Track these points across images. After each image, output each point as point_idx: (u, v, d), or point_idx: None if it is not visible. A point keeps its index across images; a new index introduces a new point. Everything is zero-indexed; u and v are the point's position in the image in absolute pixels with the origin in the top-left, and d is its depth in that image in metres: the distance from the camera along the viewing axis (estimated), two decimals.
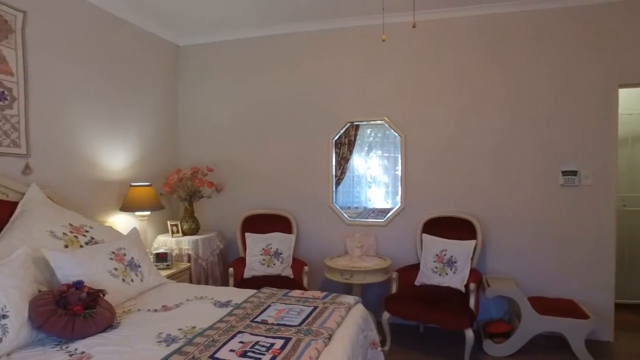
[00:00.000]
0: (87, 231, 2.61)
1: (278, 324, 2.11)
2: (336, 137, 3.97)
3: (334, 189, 4.01)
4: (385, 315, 3.16)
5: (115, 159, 3.54)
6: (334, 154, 3.98)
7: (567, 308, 3.18)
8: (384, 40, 2.36)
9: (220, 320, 2.14)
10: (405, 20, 3.54)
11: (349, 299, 2.48)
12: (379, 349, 2.49)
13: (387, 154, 4.01)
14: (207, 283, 3.75)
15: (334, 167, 3.99)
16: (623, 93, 3.48)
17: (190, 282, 3.59)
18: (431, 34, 3.68)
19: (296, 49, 4.03)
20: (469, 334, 2.89)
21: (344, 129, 3.97)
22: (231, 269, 3.53)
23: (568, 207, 3.45)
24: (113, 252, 2.50)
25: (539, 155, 3.51)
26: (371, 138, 4.12)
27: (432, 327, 3.55)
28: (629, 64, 3.30)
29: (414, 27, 2.21)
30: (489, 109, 3.60)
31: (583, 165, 3.41)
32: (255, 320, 2.16)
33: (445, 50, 3.68)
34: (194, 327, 2.06)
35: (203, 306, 2.40)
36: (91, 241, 2.57)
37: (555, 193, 3.48)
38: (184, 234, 3.85)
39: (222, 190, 4.19)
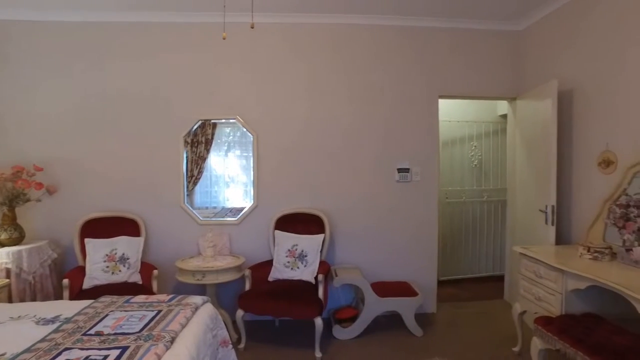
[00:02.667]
0: None
1: (115, 334, 1.96)
2: (187, 135, 3.83)
3: (187, 188, 3.86)
4: (239, 312, 3.17)
5: None
6: (184, 152, 3.83)
7: (402, 289, 3.63)
8: (224, 38, 2.39)
9: (42, 340, 1.90)
10: (255, 20, 3.59)
11: (197, 299, 2.42)
12: (230, 346, 2.49)
13: (246, 154, 4.00)
14: (35, 300, 3.25)
15: (185, 166, 3.84)
16: (443, 103, 4.13)
17: (10, 301, 3.07)
18: (282, 36, 3.82)
19: (143, 40, 3.76)
20: (318, 322, 3.08)
21: (195, 126, 3.85)
22: (66, 280, 3.12)
23: (402, 200, 3.95)
24: None
25: (379, 154, 3.93)
26: (230, 137, 4.08)
27: (287, 320, 3.68)
28: (446, 79, 3.95)
29: (252, 27, 2.28)
30: (336, 111, 3.89)
31: (414, 163, 3.95)
32: (88, 333, 1.98)
33: (294, 53, 3.85)
34: (3, 354, 1.77)
35: (20, 327, 2.08)
36: None
37: (392, 188, 3.95)
38: (3, 245, 3.28)
39: (55, 192, 3.67)
